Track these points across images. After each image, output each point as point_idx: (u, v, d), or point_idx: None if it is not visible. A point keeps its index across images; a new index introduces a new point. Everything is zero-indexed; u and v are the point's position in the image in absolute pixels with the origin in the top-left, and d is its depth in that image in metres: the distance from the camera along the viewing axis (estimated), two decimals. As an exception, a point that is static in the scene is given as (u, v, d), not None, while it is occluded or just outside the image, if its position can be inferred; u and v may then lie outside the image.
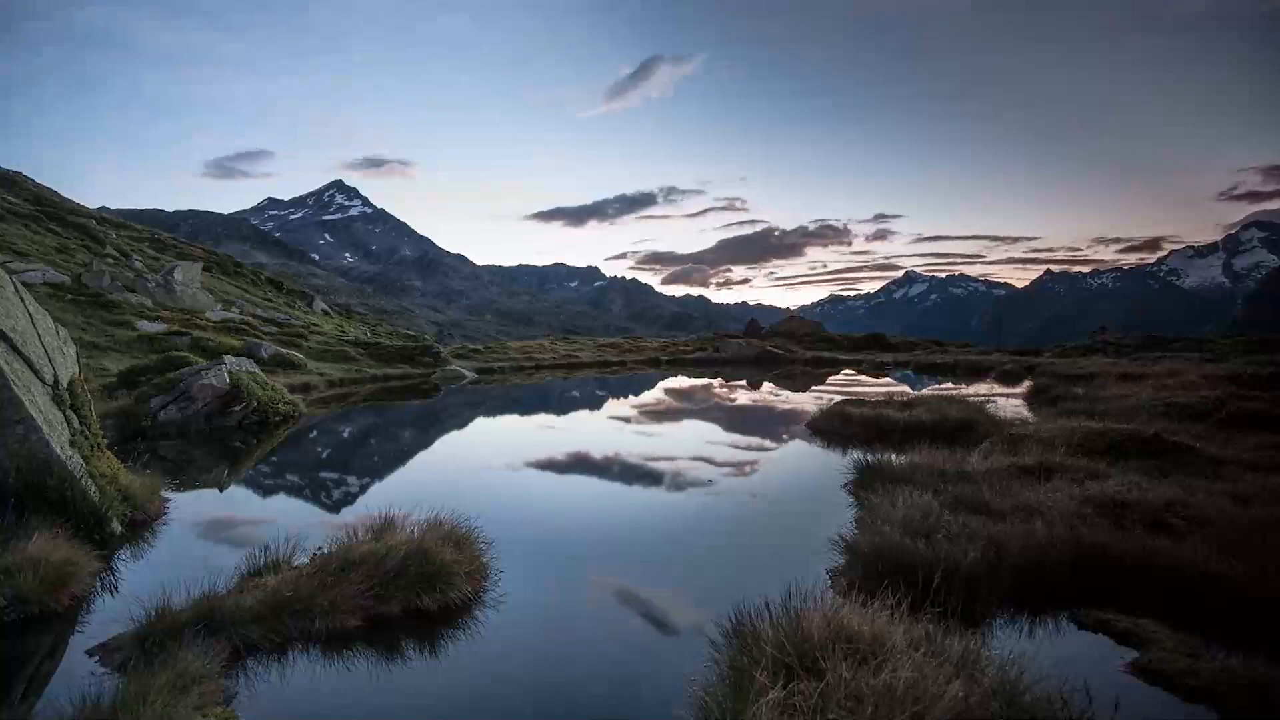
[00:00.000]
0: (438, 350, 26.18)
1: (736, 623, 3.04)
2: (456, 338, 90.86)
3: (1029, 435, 7.74)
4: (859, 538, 4.45)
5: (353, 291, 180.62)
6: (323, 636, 3.58)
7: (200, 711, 2.75)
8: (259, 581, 3.89)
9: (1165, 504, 4.82)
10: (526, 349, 33.89)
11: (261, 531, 5.20)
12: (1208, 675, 2.97)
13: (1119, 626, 3.54)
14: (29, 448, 4.90)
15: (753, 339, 38.90)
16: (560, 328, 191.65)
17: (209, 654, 3.11)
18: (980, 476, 5.83)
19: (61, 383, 5.84)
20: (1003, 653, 2.84)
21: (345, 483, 7.98)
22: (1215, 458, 6.70)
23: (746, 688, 2.53)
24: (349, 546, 4.19)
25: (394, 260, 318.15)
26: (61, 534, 4.43)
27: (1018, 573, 3.96)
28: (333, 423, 13.28)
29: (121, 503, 5.51)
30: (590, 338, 48.45)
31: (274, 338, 22.75)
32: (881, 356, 32.58)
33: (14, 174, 41.66)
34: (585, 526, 5.86)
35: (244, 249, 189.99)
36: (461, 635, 3.72)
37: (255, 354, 17.57)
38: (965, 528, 4.38)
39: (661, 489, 7.30)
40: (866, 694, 2.31)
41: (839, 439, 9.73)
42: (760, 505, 6.59)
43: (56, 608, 3.92)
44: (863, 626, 2.76)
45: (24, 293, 5.99)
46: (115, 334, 17.23)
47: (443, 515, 4.63)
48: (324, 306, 44.95)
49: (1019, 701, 2.52)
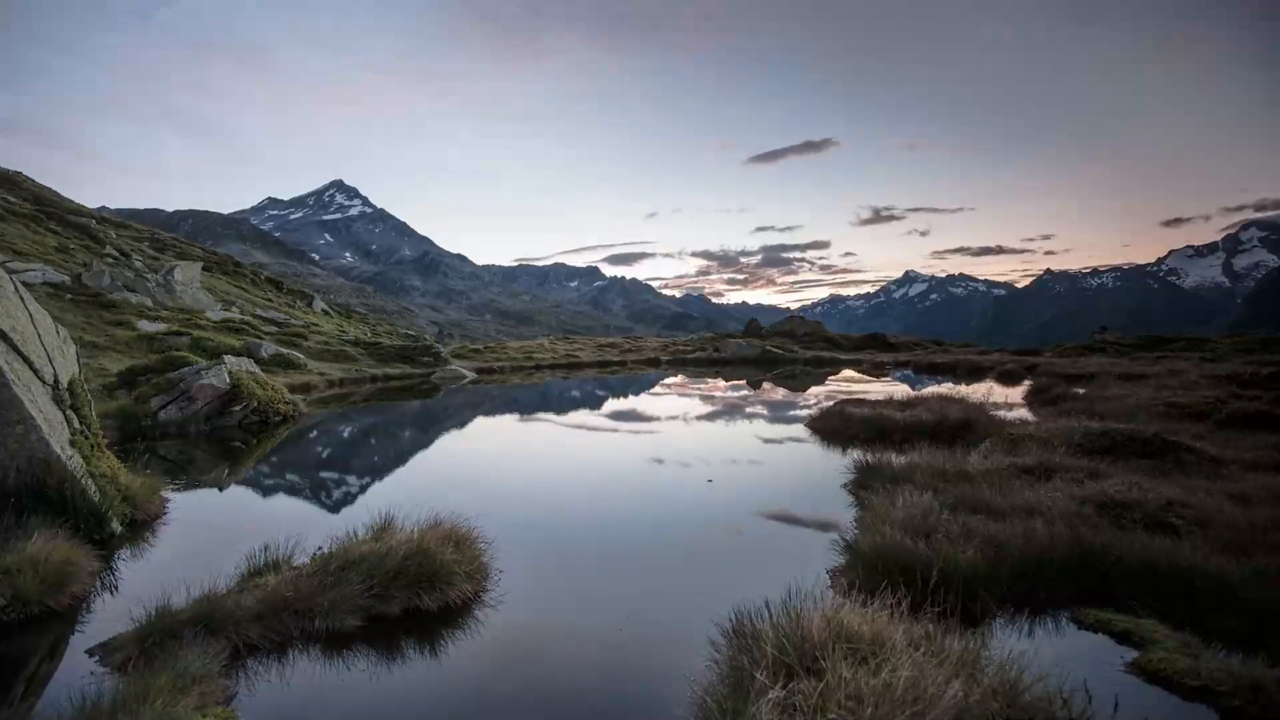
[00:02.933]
0: (437, 350, 26.19)
1: (736, 623, 3.04)
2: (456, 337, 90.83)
3: (1029, 435, 7.75)
4: (859, 538, 4.45)
5: (353, 291, 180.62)
6: (323, 636, 3.58)
7: (200, 711, 2.75)
8: (259, 581, 3.89)
9: (1165, 504, 4.82)
10: (526, 349, 33.91)
11: (261, 531, 5.20)
12: (1208, 675, 2.97)
13: (1119, 626, 3.54)
14: (29, 447, 4.90)
15: (753, 339, 38.91)
16: (560, 328, 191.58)
17: (209, 654, 3.11)
18: (980, 476, 5.83)
19: (61, 383, 5.84)
20: (1003, 652, 2.84)
21: (345, 483, 7.98)
22: (1215, 458, 6.69)
23: (747, 687, 2.53)
24: (349, 546, 4.19)
25: (394, 260, 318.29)
26: (61, 534, 4.43)
27: (1018, 572, 3.96)
28: (333, 422, 13.28)
29: (121, 502, 5.51)
30: (590, 338, 48.46)
31: (274, 337, 22.76)
32: (881, 356, 32.59)
33: (14, 174, 41.62)
34: (585, 526, 5.86)
35: (244, 249, 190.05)
36: (461, 635, 3.72)
37: (255, 354, 17.58)
38: (965, 528, 4.38)
39: (661, 488, 7.29)
40: (866, 694, 2.31)
41: (839, 439, 9.73)
42: (760, 505, 6.59)
43: (56, 608, 3.92)
44: (863, 626, 2.76)
45: (24, 293, 5.99)
46: (115, 334, 17.23)
47: (443, 515, 4.63)
48: (324, 306, 44.95)
49: (1019, 701, 2.52)
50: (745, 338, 40.01)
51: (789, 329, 42.99)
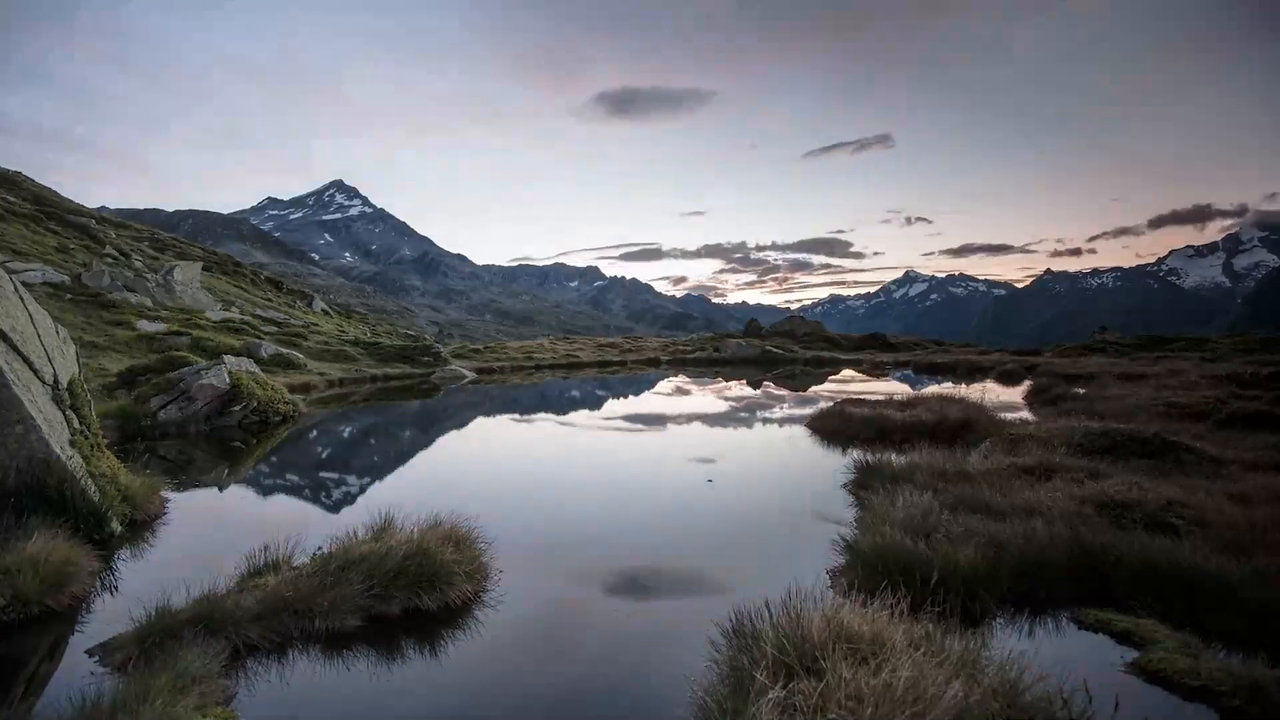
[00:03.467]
0: (437, 350, 26.19)
1: (736, 623, 3.04)
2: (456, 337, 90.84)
3: (1029, 435, 7.74)
4: (859, 538, 4.45)
5: (353, 291, 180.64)
6: (323, 636, 3.58)
7: (200, 711, 2.75)
8: (259, 581, 3.89)
9: (1165, 504, 4.83)
10: (526, 349, 33.91)
11: (261, 531, 5.20)
12: (1208, 675, 2.97)
13: (1119, 626, 3.54)
14: (29, 447, 4.90)
15: (753, 339, 38.92)
16: (560, 328, 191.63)
17: (209, 654, 3.11)
18: (980, 476, 5.83)
19: (61, 382, 5.84)
20: (1003, 652, 2.84)
21: (345, 483, 7.98)
22: (1215, 458, 6.70)
23: (747, 687, 2.53)
24: (349, 546, 4.19)
25: (394, 260, 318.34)
26: (61, 534, 4.42)
27: (1018, 572, 3.96)
28: (332, 422, 13.28)
29: (121, 502, 5.51)
30: (590, 337, 48.47)
31: (274, 337, 22.76)
32: (881, 356, 32.59)
33: (14, 174, 41.62)
34: (584, 526, 5.86)
35: (244, 249, 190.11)
36: (461, 635, 3.72)
37: (255, 354, 17.58)
38: (965, 528, 4.38)
39: (661, 488, 7.29)
40: (867, 694, 2.31)
41: (839, 438, 9.73)
42: (760, 504, 6.59)
43: (56, 608, 3.92)
44: (863, 626, 2.76)
45: (24, 293, 5.99)
46: (115, 334, 17.23)
47: (443, 515, 4.63)
48: (324, 306, 44.95)
49: (1019, 701, 2.52)
50: (745, 338, 40.02)
51: (789, 329, 43.00)
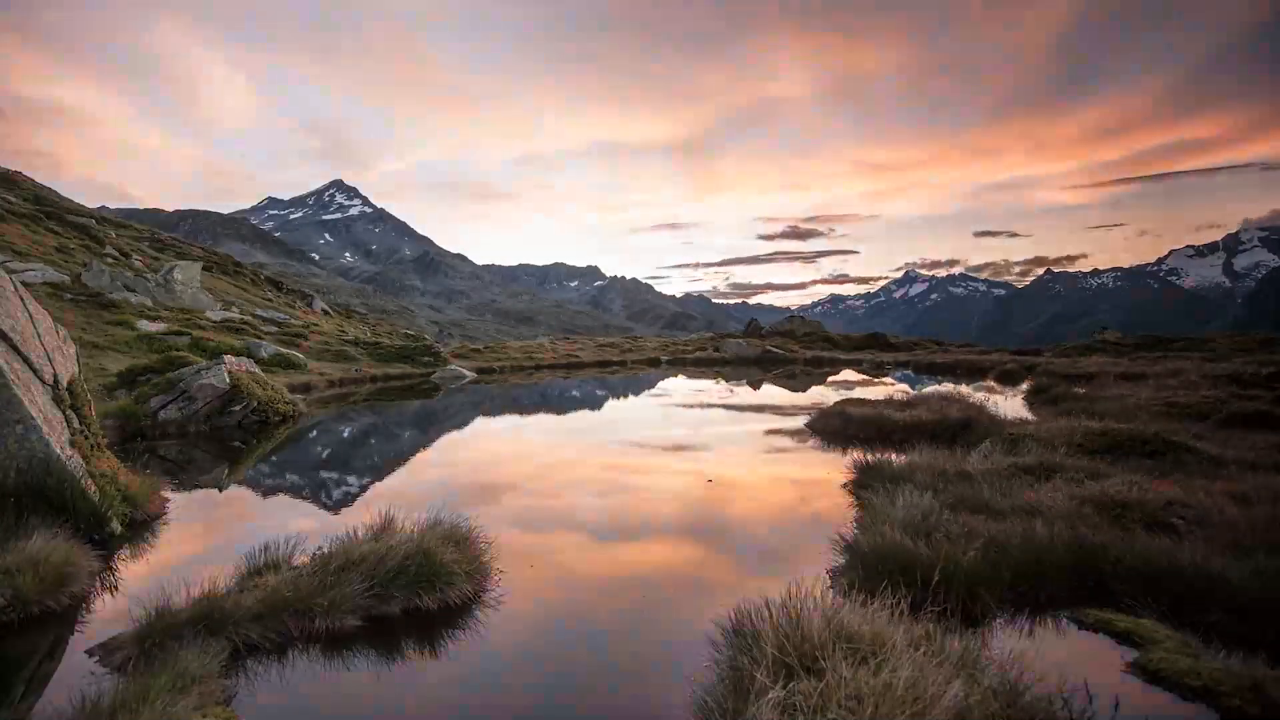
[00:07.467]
0: (438, 350, 26.21)
1: (736, 623, 3.04)
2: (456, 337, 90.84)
3: (1029, 435, 7.74)
4: (859, 538, 4.45)
5: (353, 291, 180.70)
6: (323, 636, 3.58)
7: (200, 711, 2.75)
8: (259, 581, 3.89)
9: (1165, 504, 4.83)
10: (526, 349, 33.93)
11: (261, 531, 5.20)
12: (1208, 675, 2.96)
13: (1119, 626, 3.53)
14: (29, 447, 4.90)
15: (753, 339, 38.93)
16: (560, 327, 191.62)
17: (209, 654, 3.11)
18: (980, 476, 5.83)
19: (61, 382, 5.84)
20: (1003, 653, 2.84)
21: (345, 483, 7.98)
22: (1215, 458, 6.70)
23: (747, 687, 2.53)
24: (349, 546, 4.18)
25: (394, 260, 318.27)
26: (61, 534, 4.42)
27: (1018, 572, 3.95)
28: (333, 422, 13.28)
29: (121, 502, 5.51)
30: (590, 337, 48.46)
31: (274, 337, 22.77)
32: (881, 356, 32.58)
33: (14, 174, 41.64)
34: (585, 525, 5.86)
35: (244, 249, 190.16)
36: (461, 635, 3.72)
37: (255, 354, 17.59)
38: (965, 528, 4.38)
39: (660, 488, 7.29)
40: (867, 694, 2.31)
41: (839, 438, 9.73)
42: (759, 505, 6.59)
43: (56, 607, 3.92)
44: (863, 626, 2.76)
45: (24, 292, 5.99)
46: (115, 334, 17.23)
47: (443, 515, 4.63)
48: (324, 306, 44.94)
49: (1019, 701, 2.52)
50: (745, 338, 40.03)
51: (789, 329, 43.03)
